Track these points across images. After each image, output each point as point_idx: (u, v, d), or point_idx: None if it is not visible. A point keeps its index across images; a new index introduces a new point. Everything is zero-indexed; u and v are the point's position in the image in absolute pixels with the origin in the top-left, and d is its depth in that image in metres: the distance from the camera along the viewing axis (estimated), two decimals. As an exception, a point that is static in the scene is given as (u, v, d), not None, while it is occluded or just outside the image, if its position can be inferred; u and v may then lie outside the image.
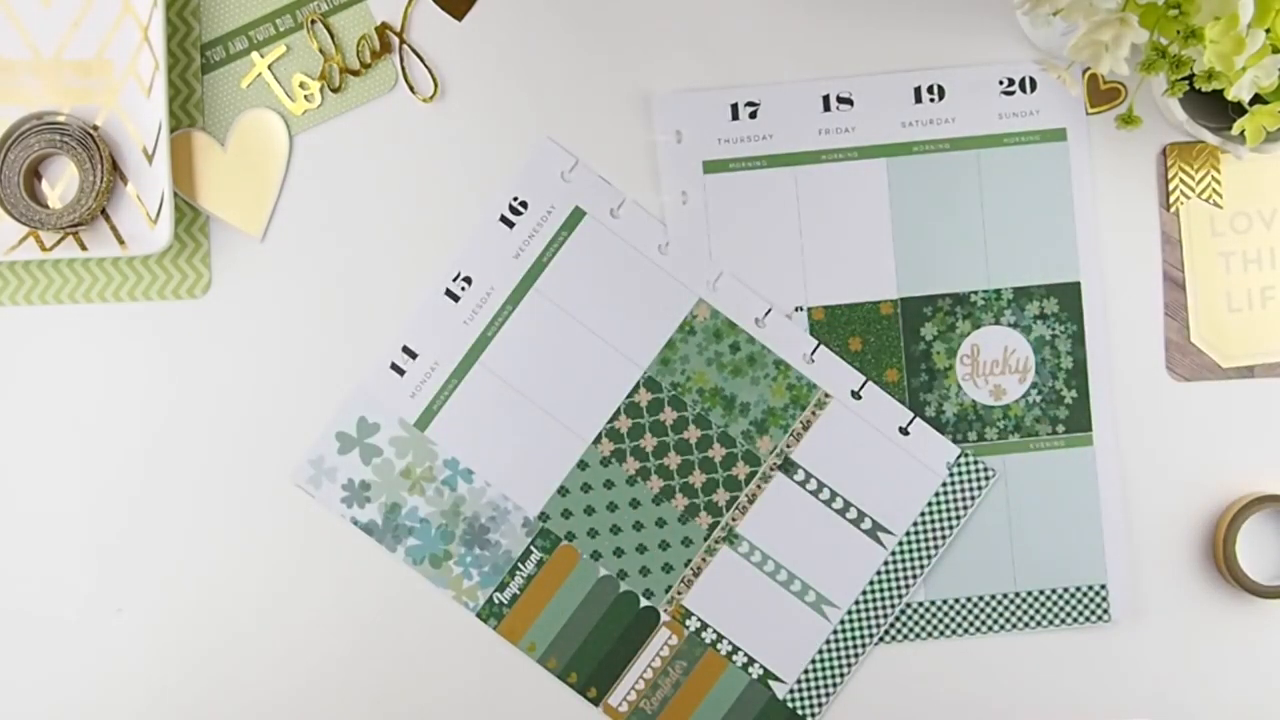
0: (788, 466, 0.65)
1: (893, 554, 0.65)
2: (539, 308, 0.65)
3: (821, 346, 0.65)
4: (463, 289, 0.65)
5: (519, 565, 0.65)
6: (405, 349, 0.65)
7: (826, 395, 0.65)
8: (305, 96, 0.65)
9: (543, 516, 0.65)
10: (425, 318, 0.65)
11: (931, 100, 0.65)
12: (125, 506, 0.65)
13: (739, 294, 0.65)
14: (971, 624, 0.65)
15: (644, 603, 0.65)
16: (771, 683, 0.65)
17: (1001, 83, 0.65)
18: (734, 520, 0.65)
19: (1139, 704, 0.66)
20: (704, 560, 0.65)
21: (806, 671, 0.65)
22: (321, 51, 0.65)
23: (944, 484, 0.65)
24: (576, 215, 0.65)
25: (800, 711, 0.65)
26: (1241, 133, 0.58)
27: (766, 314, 0.65)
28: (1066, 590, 0.65)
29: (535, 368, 0.65)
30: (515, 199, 0.65)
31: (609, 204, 0.65)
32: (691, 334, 0.65)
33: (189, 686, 0.65)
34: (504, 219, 0.65)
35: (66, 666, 0.65)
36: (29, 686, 0.65)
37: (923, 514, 0.65)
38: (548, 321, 0.65)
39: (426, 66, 0.65)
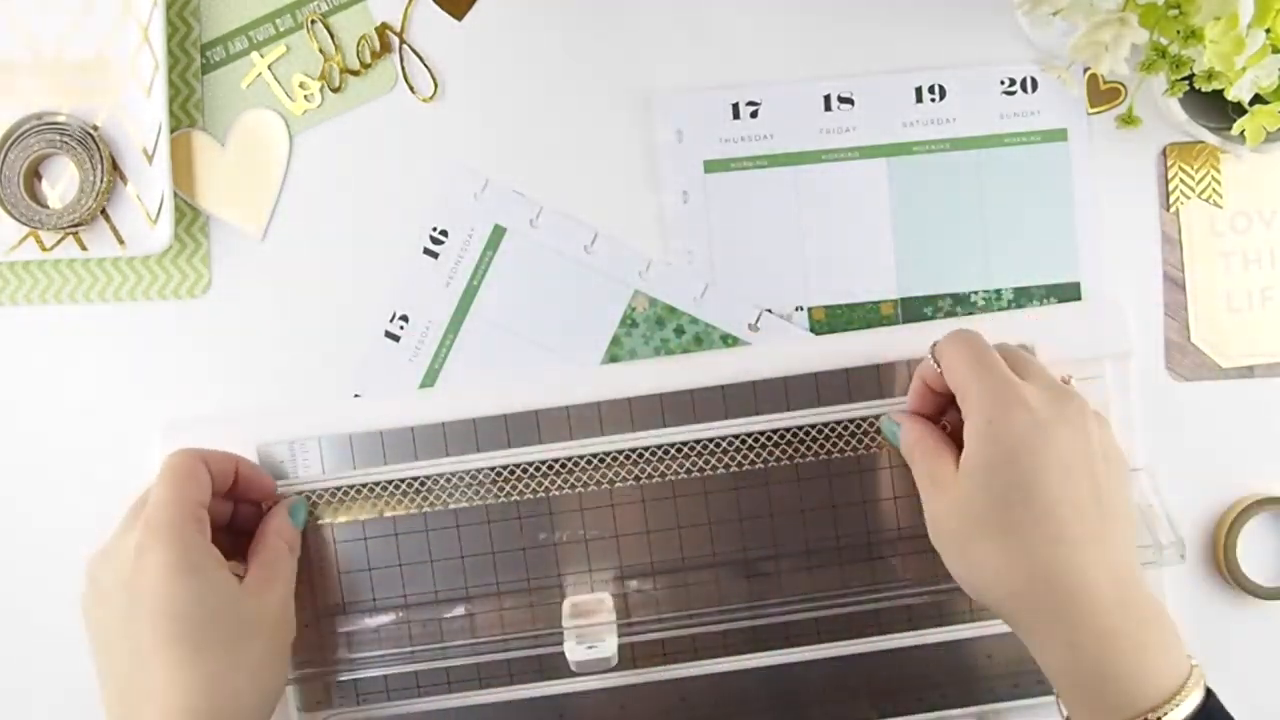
0: None
1: None
2: (478, 333, 0.65)
3: (764, 313, 0.65)
4: (400, 327, 0.65)
5: None
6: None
7: None
8: (305, 96, 0.65)
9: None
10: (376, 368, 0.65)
11: (932, 100, 0.65)
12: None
13: (671, 277, 0.65)
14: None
15: None
16: None
17: (1002, 83, 0.65)
18: None
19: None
20: None
21: None
22: (321, 51, 0.65)
23: None
24: (498, 233, 0.65)
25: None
26: (1241, 133, 0.58)
27: (704, 291, 0.65)
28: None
29: (487, 390, 0.63)
30: (435, 229, 0.65)
31: (527, 215, 0.65)
32: (634, 326, 0.65)
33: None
34: (427, 250, 0.65)
35: (61, 667, 0.65)
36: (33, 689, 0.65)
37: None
38: (489, 344, 0.65)
39: (426, 66, 0.65)
